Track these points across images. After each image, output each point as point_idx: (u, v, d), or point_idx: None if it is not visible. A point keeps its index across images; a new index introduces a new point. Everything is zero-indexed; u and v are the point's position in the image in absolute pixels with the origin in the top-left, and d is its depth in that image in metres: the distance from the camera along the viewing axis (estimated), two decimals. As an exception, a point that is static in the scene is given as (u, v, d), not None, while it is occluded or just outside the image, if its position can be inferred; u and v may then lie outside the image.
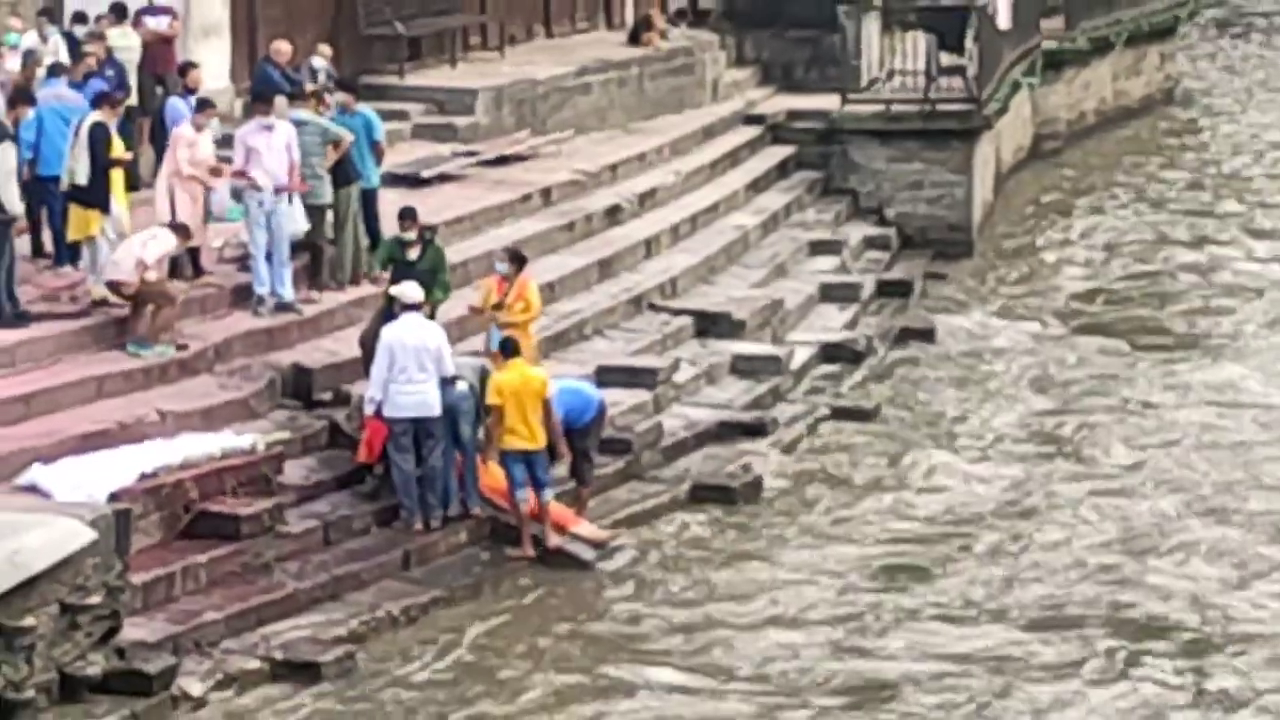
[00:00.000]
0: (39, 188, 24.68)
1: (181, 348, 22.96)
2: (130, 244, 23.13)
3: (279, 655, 19.08)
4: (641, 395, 25.43)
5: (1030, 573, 22.14)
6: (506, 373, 21.60)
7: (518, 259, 24.35)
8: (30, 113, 25.02)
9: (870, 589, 21.39)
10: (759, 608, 20.94)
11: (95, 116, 24.29)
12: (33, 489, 19.60)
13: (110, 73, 27.99)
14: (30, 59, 27.77)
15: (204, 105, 26.28)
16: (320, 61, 30.22)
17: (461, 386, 22.08)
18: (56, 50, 28.87)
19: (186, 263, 24.15)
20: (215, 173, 25.11)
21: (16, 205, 23.01)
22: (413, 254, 23.77)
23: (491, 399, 21.78)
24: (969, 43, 37.15)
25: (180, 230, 23.25)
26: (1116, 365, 30.40)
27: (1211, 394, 28.98)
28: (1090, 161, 43.88)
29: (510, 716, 18.56)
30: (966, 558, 22.42)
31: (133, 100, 27.62)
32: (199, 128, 24.86)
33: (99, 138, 23.84)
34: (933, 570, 22.10)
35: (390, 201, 26.03)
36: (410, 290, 22.23)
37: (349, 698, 18.69)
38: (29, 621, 17.63)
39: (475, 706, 18.75)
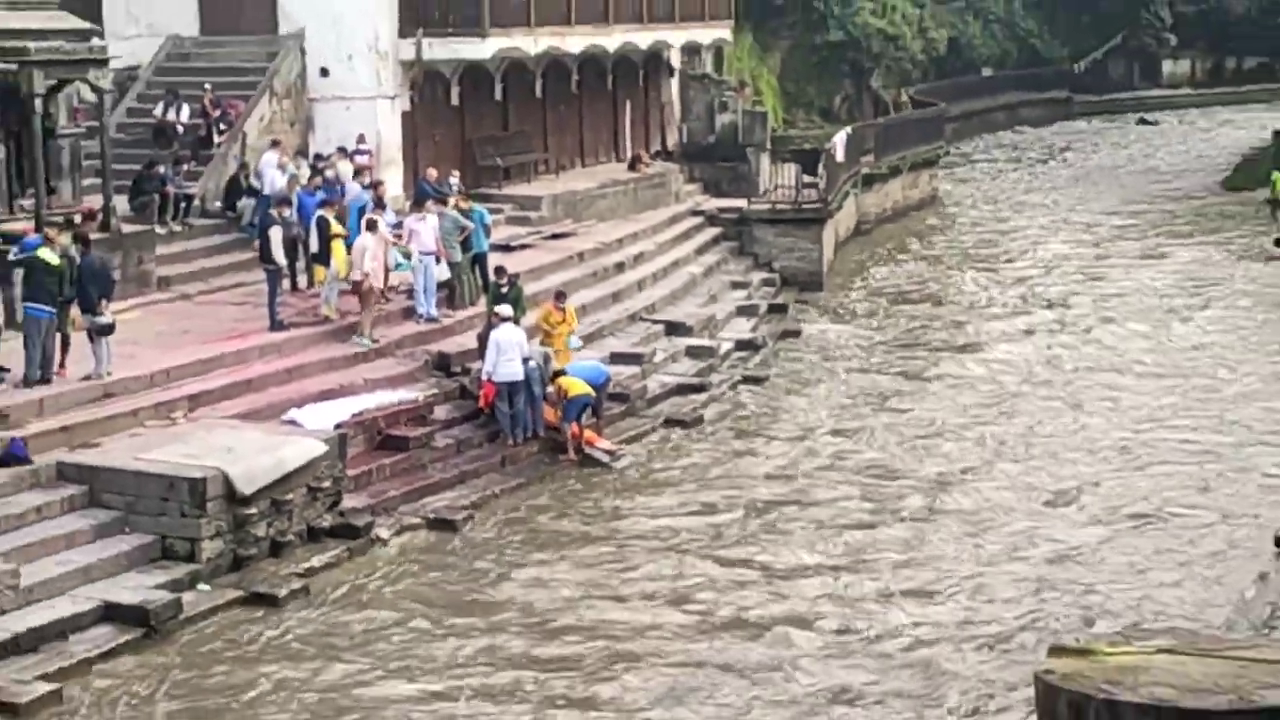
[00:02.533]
0: (293, 251, 27.55)
1: (375, 342, 26.02)
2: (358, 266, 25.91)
3: (431, 516, 22.38)
4: (634, 369, 29.12)
5: (862, 447, 26.10)
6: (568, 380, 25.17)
7: (562, 295, 27.77)
8: (288, 210, 27.57)
9: (768, 470, 24.84)
10: (701, 474, 24.73)
11: (321, 212, 27.61)
12: (292, 422, 22.82)
13: (336, 187, 30.46)
14: (292, 179, 29.98)
15: (380, 204, 29.22)
16: (454, 180, 32.78)
17: (533, 364, 25.08)
18: (304, 172, 31.08)
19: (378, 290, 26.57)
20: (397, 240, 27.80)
21: (283, 261, 26.49)
22: (505, 289, 26.54)
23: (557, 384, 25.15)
24: (820, 169, 41.59)
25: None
26: (900, 354, 33.37)
27: (956, 369, 31.91)
28: (888, 237, 47.31)
29: (561, 532, 22.12)
30: (809, 445, 26.19)
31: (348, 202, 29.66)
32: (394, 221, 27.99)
33: (323, 225, 27.07)
34: (790, 449, 25.91)
35: (494, 259, 29.16)
36: (505, 310, 25.32)
37: (470, 540, 21.77)
38: (289, 496, 20.67)
39: (548, 532, 22.20)
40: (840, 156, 43.56)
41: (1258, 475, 24.25)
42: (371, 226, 26.96)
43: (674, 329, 32.35)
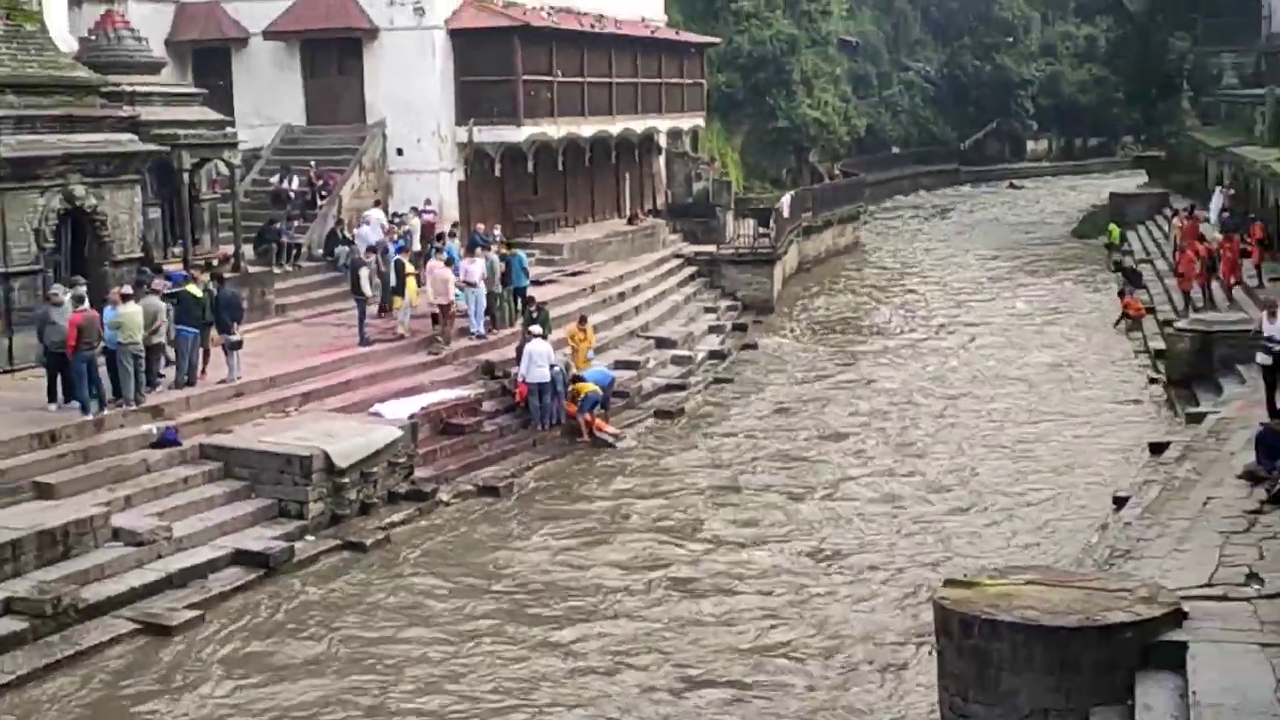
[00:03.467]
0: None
1: (434, 353, 25.79)
2: (436, 293, 25.90)
3: (480, 484, 22.30)
4: (632, 373, 28.76)
5: (801, 429, 25.62)
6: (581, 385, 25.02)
7: (584, 319, 27.71)
8: (375, 255, 27.34)
9: (726, 457, 24.34)
10: (683, 455, 24.31)
11: (398, 257, 27.71)
12: (377, 414, 22.47)
13: (409, 238, 30.36)
14: (389, 231, 30.00)
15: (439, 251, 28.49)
16: (497, 232, 32.00)
17: (557, 370, 24.84)
18: (383, 225, 30.68)
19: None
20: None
21: (369, 292, 26.33)
22: (535, 314, 26.25)
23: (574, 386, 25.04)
24: (771, 223, 41.41)
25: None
26: (830, 361, 32.62)
27: (870, 371, 31.34)
28: (822, 274, 46.51)
29: (585, 504, 21.69)
30: (762, 429, 25.39)
31: (416, 248, 29.83)
32: (447, 262, 27.03)
33: (400, 266, 27.19)
34: (754, 435, 25.26)
35: (530, 291, 28.69)
36: (535, 329, 25.07)
37: (512, 502, 21.67)
38: (374, 469, 20.64)
39: (568, 496, 22.05)
40: (786, 213, 43.52)
41: (1097, 452, 23.97)
42: (448, 264, 27.02)
43: (662, 342, 32.06)
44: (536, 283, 30.53)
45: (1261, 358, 15.60)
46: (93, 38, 27.67)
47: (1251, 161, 37.63)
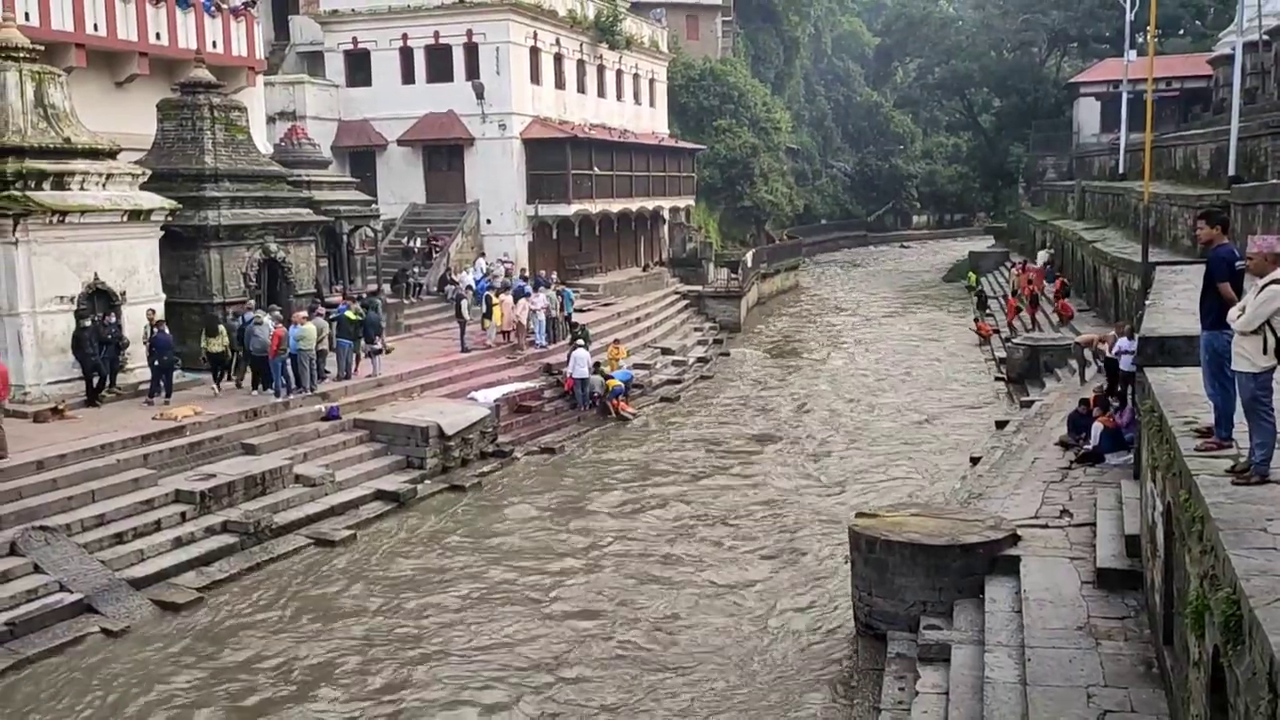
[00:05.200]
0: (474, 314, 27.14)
1: (510, 356, 25.85)
2: (514, 316, 26.06)
3: (542, 445, 22.14)
4: (645, 372, 28.28)
5: (760, 406, 24.55)
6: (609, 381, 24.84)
7: (618, 342, 27.65)
8: (469, 292, 27.74)
9: (708, 428, 24.12)
10: (680, 424, 23.99)
11: (487, 292, 27.33)
12: (473, 399, 22.38)
13: (495, 279, 29.83)
14: (485, 275, 30.43)
15: (505, 286, 29.76)
16: (554, 275, 31.66)
17: (594, 375, 24.70)
18: (484, 268, 31.30)
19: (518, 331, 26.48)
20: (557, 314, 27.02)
21: (467, 316, 26.26)
22: (579, 332, 26.12)
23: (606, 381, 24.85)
24: (739, 271, 41.14)
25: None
26: (778, 364, 31.84)
27: (805, 371, 30.68)
28: (774, 306, 45.50)
29: (613, 458, 21.52)
30: (738, 419, 24.90)
31: (499, 286, 28.61)
32: (520, 296, 27.02)
33: (489, 298, 26.49)
34: (722, 412, 24.55)
35: (576, 316, 28.71)
36: (579, 342, 25.11)
37: (564, 461, 21.44)
38: (470, 436, 20.63)
39: (604, 454, 21.89)
40: (749, 264, 43.49)
41: (960, 426, 23.85)
42: (519, 296, 27.08)
43: (665, 350, 31.88)
44: (580, 310, 30.34)
45: (1125, 364, 15.60)
46: (283, 144, 28.02)
47: (1065, 230, 38.02)
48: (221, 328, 20.60)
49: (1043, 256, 39.61)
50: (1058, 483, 14.80)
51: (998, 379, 28.15)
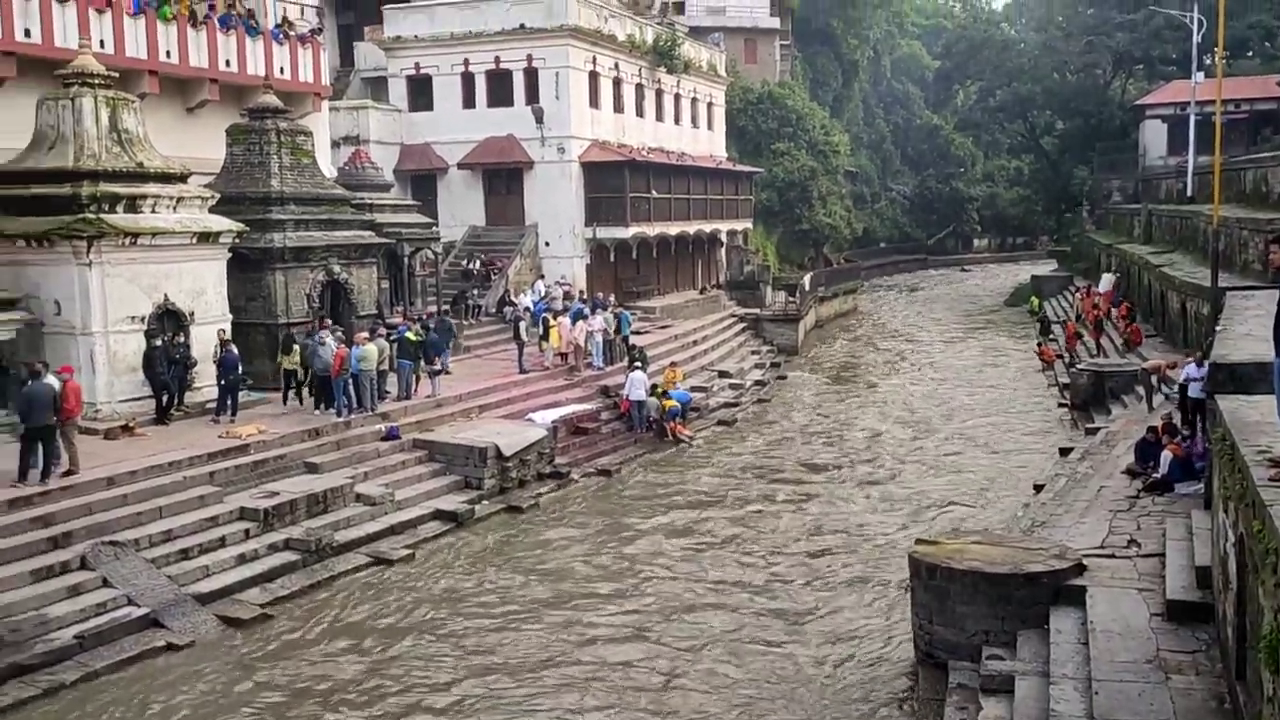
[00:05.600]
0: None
1: (568, 378, 25.76)
2: (571, 338, 26.02)
3: (598, 468, 22.09)
4: (702, 394, 28.21)
5: (819, 430, 24.46)
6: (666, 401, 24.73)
7: (675, 365, 27.54)
8: (528, 315, 27.59)
9: (764, 453, 24.04)
10: (738, 448, 23.84)
11: (544, 314, 27.64)
12: (530, 420, 22.31)
13: (553, 301, 30.48)
14: (543, 297, 30.89)
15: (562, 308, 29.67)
16: (611, 297, 32.12)
17: (651, 397, 24.56)
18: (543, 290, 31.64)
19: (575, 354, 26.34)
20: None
21: (525, 338, 26.15)
22: (636, 354, 26.36)
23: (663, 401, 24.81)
24: (797, 294, 40.98)
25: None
26: (835, 387, 31.87)
27: (862, 395, 30.60)
28: (832, 329, 45.41)
29: (670, 482, 21.46)
30: (795, 444, 24.82)
31: (557, 308, 29.27)
32: (578, 318, 27.03)
33: (546, 320, 26.91)
34: (780, 435, 24.45)
35: (632, 338, 28.76)
36: (636, 364, 25.26)
37: (620, 483, 21.41)
38: (528, 457, 20.69)
39: (660, 477, 21.78)
40: (807, 287, 43.34)
41: (1026, 453, 23.56)
42: (577, 318, 27.15)
43: (722, 374, 31.76)
44: (637, 333, 30.41)
45: (1195, 390, 15.28)
46: (347, 167, 28.53)
47: (1131, 254, 37.27)
48: (296, 345, 20.96)
49: (1108, 280, 38.96)
50: (1125, 512, 14.53)
51: (1061, 405, 27.67)
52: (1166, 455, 15.52)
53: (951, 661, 11.27)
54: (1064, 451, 21.12)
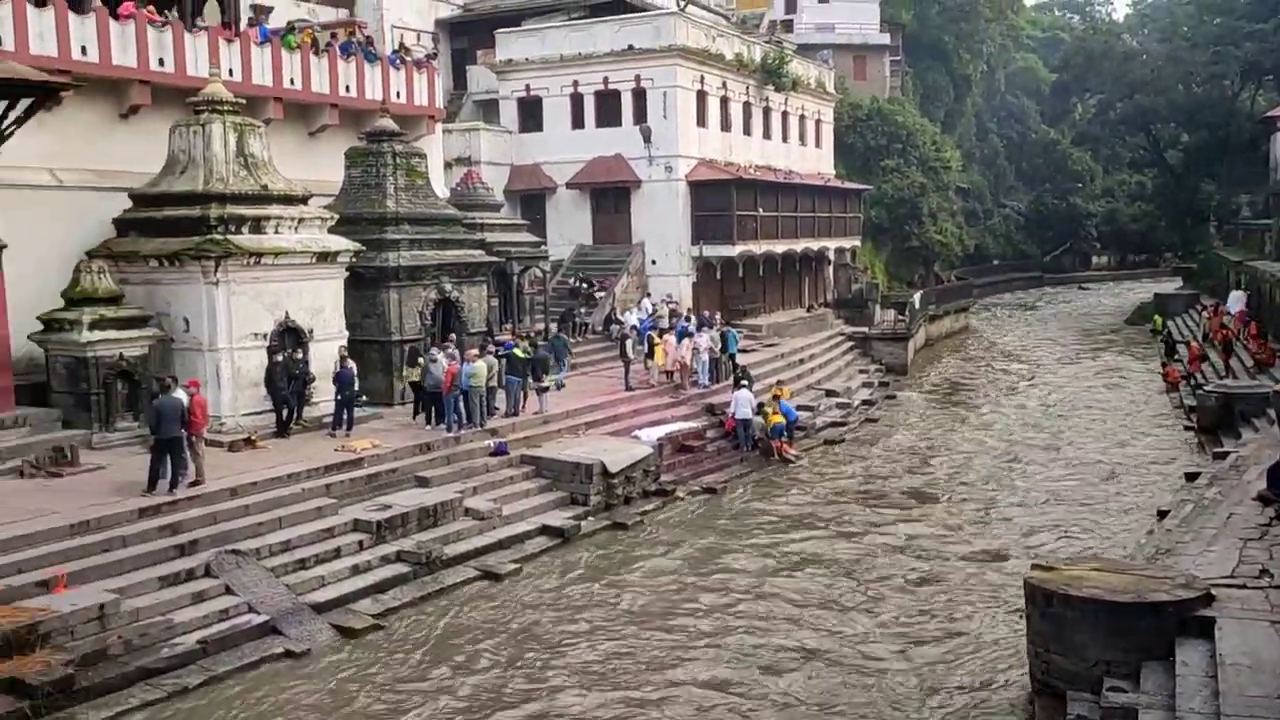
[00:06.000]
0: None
1: (674, 396, 25.68)
2: (677, 356, 26.16)
3: (704, 485, 22.07)
4: (809, 414, 27.91)
5: (931, 451, 24.11)
6: (772, 415, 24.54)
7: (781, 383, 27.41)
8: (634, 333, 27.47)
9: (871, 475, 23.77)
10: (844, 470, 23.63)
11: (650, 332, 27.72)
12: (636, 437, 22.43)
13: (659, 319, 30.41)
14: (651, 314, 31.07)
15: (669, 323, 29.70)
16: (717, 315, 31.60)
17: (756, 416, 24.42)
18: (649, 308, 31.81)
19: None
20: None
21: (631, 356, 26.12)
22: (740, 373, 25.99)
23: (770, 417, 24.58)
24: (906, 312, 40.47)
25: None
26: (946, 409, 31.41)
27: (976, 416, 30.10)
28: (942, 348, 44.57)
29: (773, 501, 21.30)
30: (902, 466, 24.42)
31: (664, 326, 29.15)
32: (683, 336, 27.17)
33: (651, 339, 27.01)
34: (889, 454, 24.13)
35: (739, 357, 28.62)
36: (743, 382, 24.96)
37: (725, 501, 21.37)
38: (634, 474, 20.49)
39: (764, 497, 21.64)
40: (917, 306, 42.73)
41: (1149, 478, 22.85)
42: (682, 336, 27.19)
43: (829, 393, 31.42)
44: (743, 351, 30.24)
45: None
46: (459, 188, 29.16)
47: (1262, 271, 36.05)
48: (421, 360, 21.45)
49: (1237, 299, 37.52)
50: (1256, 540, 13.95)
51: (1187, 428, 26.78)
52: (1302, 482, 14.88)
53: (1070, 692, 10.88)
54: (1190, 477, 20.41)
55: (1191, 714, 9.23)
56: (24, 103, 17.66)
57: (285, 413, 19.99)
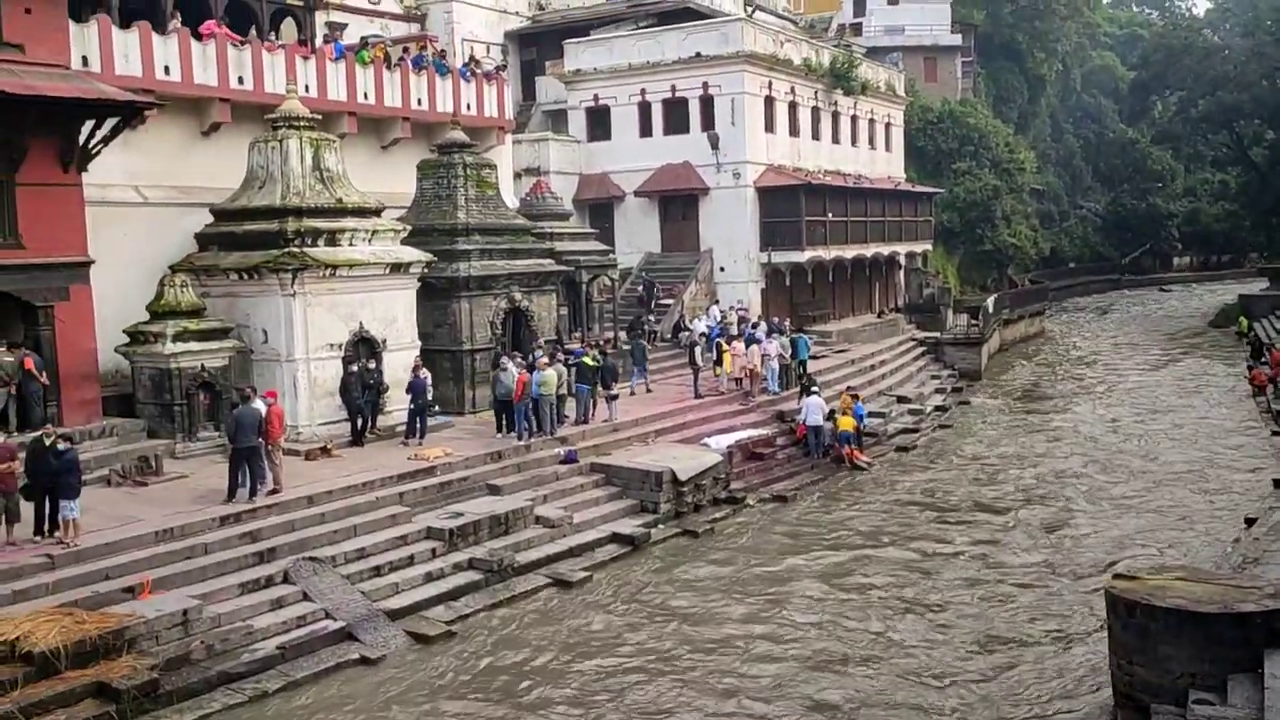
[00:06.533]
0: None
1: (743, 403, 25.72)
2: (745, 363, 25.92)
3: (774, 493, 21.90)
4: (880, 420, 27.71)
5: (1006, 457, 23.61)
6: (842, 418, 24.43)
7: (851, 390, 26.18)
8: (703, 340, 27.61)
9: (943, 484, 23.28)
10: (915, 476, 23.23)
11: (718, 339, 27.42)
12: (705, 444, 22.37)
13: (729, 327, 30.07)
14: (719, 321, 30.45)
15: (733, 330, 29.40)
16: (787, 322, 31.47)
17: (826, 423, 24.36)
18: (717, 315, 31.37)
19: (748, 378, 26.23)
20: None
21: (700, 364, 26.10)
22: (808, 380, 26.05)
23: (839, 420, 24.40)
24: (980, 316, 39.93)
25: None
26: (1022, 415, 30.65)
27: (1054, 422, 29.33)
28: (1017, 353, 43.40)
29: (844, 509, 21.14)
30: (976, 475, 24.04)
31: (733, 333, 28.83)
32: (752, 343, 26.77)
33: (719, 345, 26.74)
34: (963, 463, 23.79)
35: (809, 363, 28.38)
36: (813, 389, 25.02)
37: (795, 509, 21.13)
38: (704, 482, 20.57)
39: (834, 506, 21.37)
40: (990, 310, 41.96)
41: (1234, 485, 22.20)
42: (751, 343, 26.96)
43: (901, 399, 31.09)
44: (814, 357, 30.06)
45: None
46: (528, 197, 29.38)
47: (1354, 272, 34.88)
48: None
49: (1327, 300, 36.41)
50: (1349, 549, 13.53)
51: (1275, 434, 26.14)
52: (1399, 489, 14.37)
53: (1154, 705, 10.64)
54: (1278, 483, 20.10)
55: (1282, 729, 8.99)
56: (110, 122, 18.28)
57: (360, 422, 20.31)
